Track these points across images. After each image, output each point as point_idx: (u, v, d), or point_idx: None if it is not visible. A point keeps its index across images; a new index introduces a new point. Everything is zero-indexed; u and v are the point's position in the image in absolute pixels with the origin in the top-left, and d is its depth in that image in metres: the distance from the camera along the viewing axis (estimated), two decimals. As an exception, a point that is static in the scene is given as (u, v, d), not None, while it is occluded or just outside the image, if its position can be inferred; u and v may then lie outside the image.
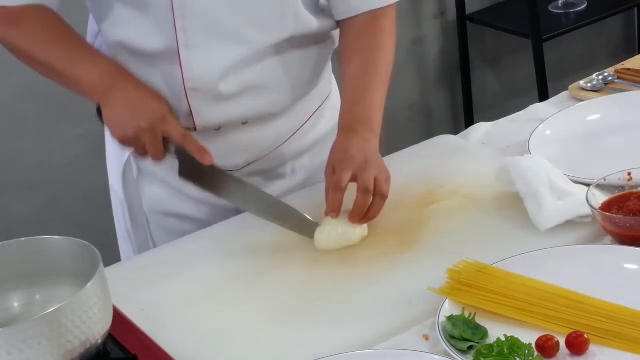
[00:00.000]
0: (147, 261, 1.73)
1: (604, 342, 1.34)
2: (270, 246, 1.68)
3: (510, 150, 1.87)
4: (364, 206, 1.64)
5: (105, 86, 1.69)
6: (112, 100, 1.68)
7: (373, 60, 1.79)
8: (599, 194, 1.58)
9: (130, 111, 1.67)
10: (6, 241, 1.46)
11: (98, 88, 1.69)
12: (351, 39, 1.82)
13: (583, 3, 3.66)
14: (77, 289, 1.34)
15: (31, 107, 2.98)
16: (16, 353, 1.28)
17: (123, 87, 1.69)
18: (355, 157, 1.66)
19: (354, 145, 1.68)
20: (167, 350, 1.45)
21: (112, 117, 1.68)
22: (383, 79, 1.79)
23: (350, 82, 1.78)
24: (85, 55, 1.73)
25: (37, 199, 3.08)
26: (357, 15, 1.80)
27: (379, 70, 1.78)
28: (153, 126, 1.65)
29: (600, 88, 2.05)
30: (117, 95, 1.68)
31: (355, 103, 1.76)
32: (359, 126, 1.71)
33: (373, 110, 1.75)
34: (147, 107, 1.67)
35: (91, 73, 1.70)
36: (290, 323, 1.49)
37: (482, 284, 1.45)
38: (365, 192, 1.63)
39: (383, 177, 1.66)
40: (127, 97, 1.68)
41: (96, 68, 1.70)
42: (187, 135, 1.68)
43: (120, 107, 1.68)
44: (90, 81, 1.70)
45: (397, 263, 1.58)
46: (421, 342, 1.41)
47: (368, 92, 1.76)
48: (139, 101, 1.68)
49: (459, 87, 3.84)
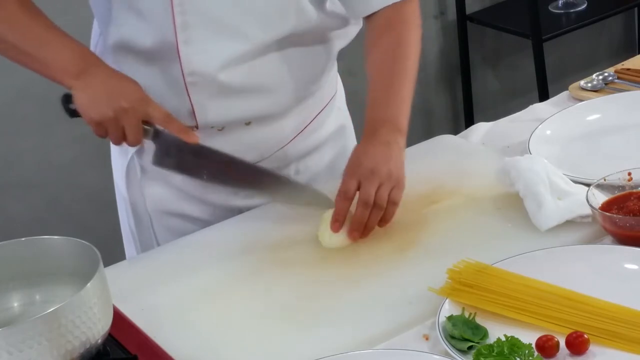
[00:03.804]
0: (147, 261, 1.73)
1: (604, 342, 1.34)
2: (270, 246, 1.68)
3: (510, 150, 1.87)
4: (361, 220, 1.62)
5: (78, 69, 1.65)
6: (87, 82, 1.64)
7: (398, 56, 1.75)
8: (599, 194, 1.58)
9: (108, 92, 1.63)
10: (6, 241, 1.46)
11: (70, 71, 1.66)
12: (375, 35, 1.79)
13: (583, 3, 3.66)
14: (77, 289, 1.34)
15: (31, 107, 2.98)
16: (16, 353, 1.27)
17: (97, 70, 1.66)
18: (363, 165, 1.63)
19: (369, 150, 1.65)
20: (167, 350, 1.45)
21: (88, 100, 1.64)
22: (409, 75, 1.76)
23: (375, 80, 1.75)
24: (56, 37, 1.69)
25: (37, 199, 3.08)
26: (379, 10, 1.78)
27: (404, 66, 1.75)
28: (135, 106, 1.62)
29: (600, 88, 2.05)
30: (93, 77, 1.65)
31: (379, 101, 1.73)
32: (382, 126, 1.68)
33: (398, 107, 1.71)
34: (126, 88, 1.64)
35: (62, 56, 1.66)
36: (290, 323, 1.49)
37: (482, 284, 1.45)
38: (365, 205, 1.61)
39: (387, 187, 1.62)
40: (103, 79, 1.65)
41: (68, 51, 1.67)
42: (169, 115, 1.65)
43: (98, 89, 1.64)
44: (62, 64, 1.66)
45: (397, 263, 1.58)
46: (421, 342, 1.41)
47: (393, 89, 1.73)
48: (117, 82, 1.65)
49: (459, 87, 3.83)
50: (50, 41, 1.69)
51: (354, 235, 1.63)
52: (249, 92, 1.75)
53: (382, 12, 1.78)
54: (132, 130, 1.63)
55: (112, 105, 1.62)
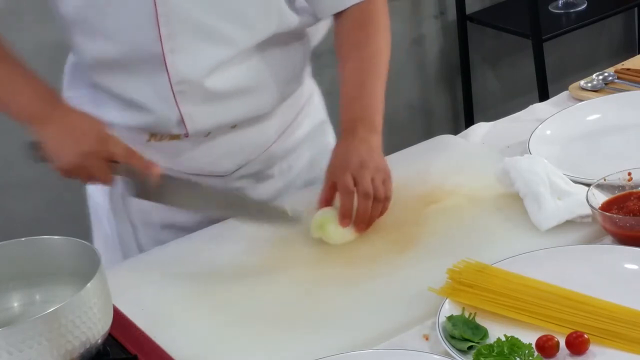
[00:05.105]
0: (147, 261, 1.73)
1: (604, 342, 1.34)
2: (270, 246, 1.68)
3: (510, 150, 1.87)
4: (365, 211, 1.63)
5: (39, 113, 1.67)
6: (48, 130, 1.66)
7: (368, 54, 1.77)
8: (599, 194, 1.58)
9: (70, 137, 1.64)
10: (6, 241, 1.46)
11: (31, 115, 1.68)
12: (344, 34, 1.80)
13: (583, 3, 3.66)
14: (77, 289, 1.34)
15: (31, 107, 2.98)
16: (16, 353, 1.28)
17: (57, 114, 1.66)
18: (351, 160, 1.66)
19: (350, 148, 1.68)
20: (167, 350, 1.45)
21: (52, 149, 1.66)
22: (381, 73, 1.77)
23: (347, 79, 1.77)
24: (20, 78, 1.70)
25: (37, 199, 3.07)
26: (346, 9, 1.79)
27: (375, 64, 1.77)
28: (97, 148, 1.63)
29: (600, 88, 2.05)
30: (54, 123, 1.66)
31: (353, 100, 1.75)
32: (358, 124, 1.71)
33: (372, 106, 1.74)
34: (85, 130, 1.65)
35: (22, 98, 1.68)
36: (290, 323, 1.49)
37: (482, 284, 1.45)
38: (366, 197, 1.63)
39: (380, 179, 1.65)
40: (64, 124, 1.65)
41: (33, 92, 1.68)
42: (130, 151, 1.65)
43: (60, 136, 1.65)
44: (22, 108, 1.68)
45: (397, 263, 1.58)
46: (421, 342, 1.41)
47: (366, 88, 1.75)
48: (77, 125, 1.65)
49: (459, 87, 3.83)
50: (12, 82, 1.69)
51: (360, 227, 1.64)
52: (234, 95, 1.75)
53: (350, 12, 1.79)
54: (100, 171, 1.64)
55: (75, 151, 1.63)
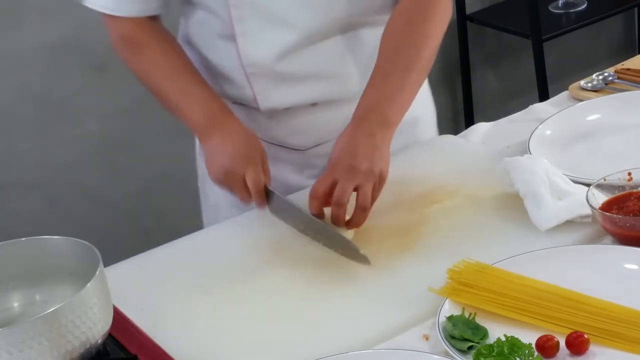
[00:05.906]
0: (147, 261, 1.73)
1: (604, 342, 1.34)
2: (270, 246, 1.68)
3: (510, 150, 1.87)
4: (337, 219, 1.60)
5: (206, 127, 1.74)
6: (210, 142, 1.74)
7: (405, 44, 1.71)
8: (599, 194, 1.58)
9: (221, 152, 1.71)
10: (6, 241, 1.46)
11: (200, 128, 1.76)
12: (392, 18, 1.75)
13: (583, 3, 3.66)
14: (77, 289, 1.34)
15: (31, 107, 2.98)
16: (16, 353, 1.28)
17: (220, 130, 1.73)
18: (343, 160, 1.61)
19: (351, 143, 1.63)
20: (167, 350, 1.45)
21: (208, 158, 1.74)
22: (418, 65, 1.71)
23: (376, 67, 1.71)
24: (194, 91, 1.76)
25: (37, 199, 3.07)
26: None
27: (408, 56, 1.70)
28: (234, 169, 1.68)
29: (600, 88, 2.05)
30: (212, 140, 1.73)
31: (372, 90, 1.69)
32: (371, 115, 1.66)
33: (390, 98, 1.67)
34: (237, 149, 1.70)
35: (196, 112, 1.75)
36: (290, 323, 1.49)
37: (482, 284, 1.45)
38: (337, 205, 1.59)
39: (368, 185, 1.59)
40: (222, 139, 1.72)
41: (201, 108, 1.75)
42: (257, 184, 1.68)
43: (215, 149, 1.72)
44: (195, 120, 1.75)
45: (397, 263, 1.58)
46: (421, 342, 1.41)
47: (390, 79, 1.68)
48: (233, 143, 1.71)
49: (459, 87, 3.83)
50: (188, 95, 1.77)
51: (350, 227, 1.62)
52: (311, 78, 1.78)
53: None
54: (237, 189, 1.69)
55: (221, 166, 1.70)
